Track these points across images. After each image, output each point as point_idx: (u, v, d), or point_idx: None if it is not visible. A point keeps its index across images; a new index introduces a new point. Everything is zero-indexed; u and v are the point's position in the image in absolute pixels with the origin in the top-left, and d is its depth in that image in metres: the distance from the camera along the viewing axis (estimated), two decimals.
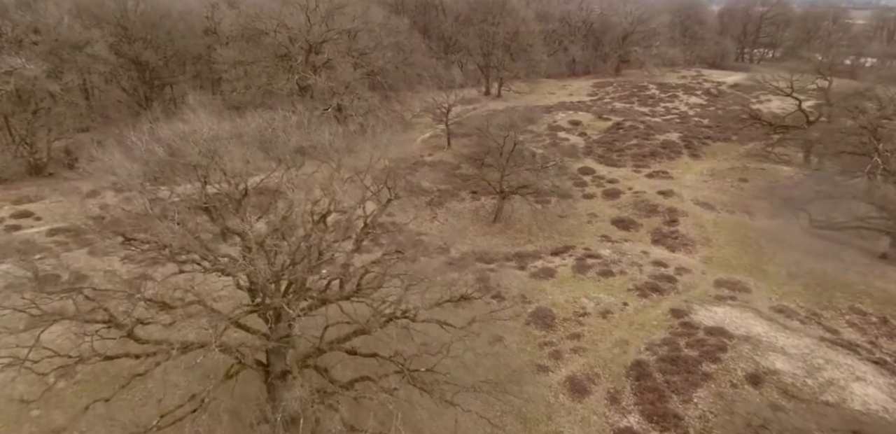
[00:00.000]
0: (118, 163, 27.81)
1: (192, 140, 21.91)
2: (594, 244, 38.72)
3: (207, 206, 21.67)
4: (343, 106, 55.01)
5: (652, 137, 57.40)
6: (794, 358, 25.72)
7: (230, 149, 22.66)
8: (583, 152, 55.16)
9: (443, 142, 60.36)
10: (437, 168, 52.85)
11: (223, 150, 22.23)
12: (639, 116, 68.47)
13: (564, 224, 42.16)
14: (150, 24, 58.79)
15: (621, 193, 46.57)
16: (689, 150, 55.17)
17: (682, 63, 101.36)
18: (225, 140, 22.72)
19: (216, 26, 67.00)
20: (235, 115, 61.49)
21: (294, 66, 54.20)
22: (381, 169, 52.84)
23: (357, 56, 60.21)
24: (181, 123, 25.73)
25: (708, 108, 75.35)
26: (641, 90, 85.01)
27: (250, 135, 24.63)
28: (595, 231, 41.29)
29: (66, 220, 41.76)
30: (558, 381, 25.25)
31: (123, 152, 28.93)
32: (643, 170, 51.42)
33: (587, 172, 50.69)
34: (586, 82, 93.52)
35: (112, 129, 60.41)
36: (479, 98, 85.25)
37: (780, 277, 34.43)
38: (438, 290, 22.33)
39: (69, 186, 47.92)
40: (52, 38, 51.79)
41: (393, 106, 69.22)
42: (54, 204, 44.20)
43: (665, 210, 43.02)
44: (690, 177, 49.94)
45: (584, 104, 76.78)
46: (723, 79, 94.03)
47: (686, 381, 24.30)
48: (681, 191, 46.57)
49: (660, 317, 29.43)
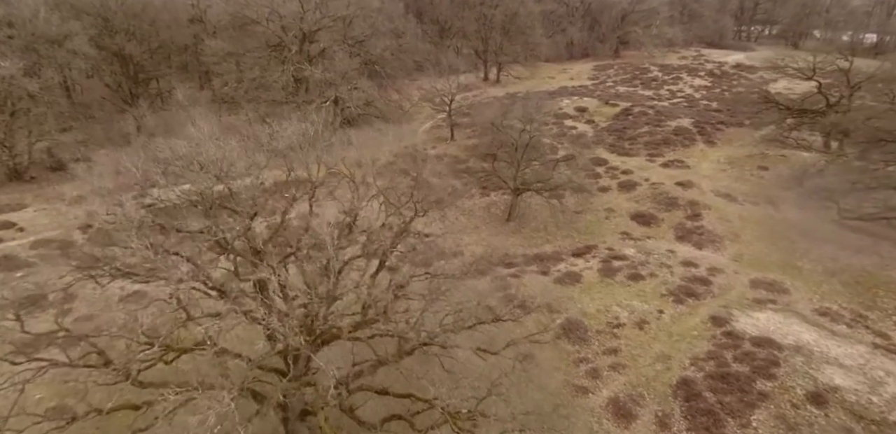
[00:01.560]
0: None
1: (198, 162, 18.59)
2: (616, 243, 36.29)
3: (222, 242, 18.66)
4: (341, 98, 51.79)
5: (663, 124, 54.65)
6: (852, 371, 23.60)
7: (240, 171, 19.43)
8: (593, 141, 52.39)
9: (445, 133, 57.37)
10: (443, 162, 49.93)
11: (234, 172, 19.02)
12: (645, 101, 65.62)
13: (581, 221, 39.66)
14: (131, 14, 54.87)
15: (637, 185, 44.01)
16: (703, 136, 52.50)
17: (680, 43, 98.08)
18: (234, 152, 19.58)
19: (202, 15, 63.12)
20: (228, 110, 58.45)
21: (288, 56, 50.70)
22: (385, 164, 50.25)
23: (353, 44, 56.77)
24: (181, 141, 22.40)
25: (713, 89, 72.60)
26: (643, 72, 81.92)
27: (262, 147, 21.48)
28: (614, 228, 38.82)
29: (51, 229, 38.81)
30: (600, 403, 23.00)
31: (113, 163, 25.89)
32: (657, 159, 48.79)
33: (600, 163, 48.01)
34: (586, 65, 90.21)
35: (96, 127, 57.01)
36: (478, 84, 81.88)
37: (816, 275, 32.23)
38: (465, 306, 19.94)
39: (53, 192, 44.77)
40: (28, 33, 48.02)
41: (390, 95, 65.97)
42: (38, 212, 41.07)
43: (686, 203, 40.55)
44: (707, 165, 47.41)
45: (587, 89, 73.70)
46: (723, 58, 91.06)
47: (741, 401, 22.12)
48: (699, 181, 44.05)
49: (699, 326, 27.17)
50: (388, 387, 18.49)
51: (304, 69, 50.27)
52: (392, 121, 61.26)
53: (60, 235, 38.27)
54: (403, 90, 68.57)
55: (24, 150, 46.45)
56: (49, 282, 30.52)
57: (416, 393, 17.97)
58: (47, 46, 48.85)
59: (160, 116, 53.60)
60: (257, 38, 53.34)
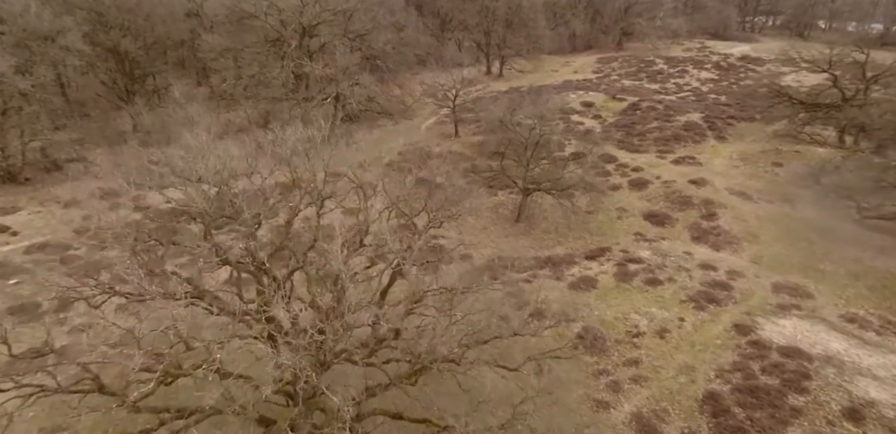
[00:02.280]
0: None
1: (196, 174, 17.01)
2: (630, 244, 34.96)
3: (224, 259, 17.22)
4: (342, 94, 50.17)
5: (672, 119, 53.12)
6: (886, 382, 22.38)
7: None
8: (601, 137, 50.83)
9: (449, 129, 55.80)
10: (448, 160, 48.41)
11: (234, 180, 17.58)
12: (652, 95, 64.05)
13: (593, 221, 38.29)
14: (126, 8, 52.92)
15: (649, 183, 42.61)
16: (714, 131, 50.98)
17: (684, 35, 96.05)
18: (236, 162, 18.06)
19: (199, 8, 61.18)
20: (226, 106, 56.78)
21: (287, 52, 48.96)
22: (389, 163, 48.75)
23: (354, 38, 55.00)
24: (179, 148, 20.80)
25: (720, 82, 70.91)
26: (648, 65, 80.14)
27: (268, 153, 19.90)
28: (627, 228, 37.48)
29: (45, 233, 37.42)
30: (623, 420, 21.77)
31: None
32: (668, 155, 47.33)
33: (609, 160, 46.53)
34: (589, 58, 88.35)
35: (92, 125, 55.39)
36: (481, 78, 80.00)
37: (840, 278, 30.94)
38: (478, 317, 18.63)
39: (48, 194, 43.34)
40: (20, 29, 46.24)
41: (392, 90, 64.30)
42: (32, 215, 39.67)
43: (700, 202, 39.19)
44: (720, 162, 45.97)
45: (592, 82, 72.05)
46: (729, 50, 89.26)
47: (772, 417, 20.89)
48: (712, 178, 42.65)
49: (723, 334, 25.92)
50: (403, 411, 17.22)
51: (304, 65, 48.59)
52: (394, 117, 59.72)
53: (55, 239, 36.94)
54: (405, 85, 66.94)
55: (17, 151, 44.91)
56: (42, 291, 29.33)
57: (432, 418, 16.69)
58: (39, 43, 47.09)
59: (157, 114, 52.00)
60: (255, 33, 51.57)
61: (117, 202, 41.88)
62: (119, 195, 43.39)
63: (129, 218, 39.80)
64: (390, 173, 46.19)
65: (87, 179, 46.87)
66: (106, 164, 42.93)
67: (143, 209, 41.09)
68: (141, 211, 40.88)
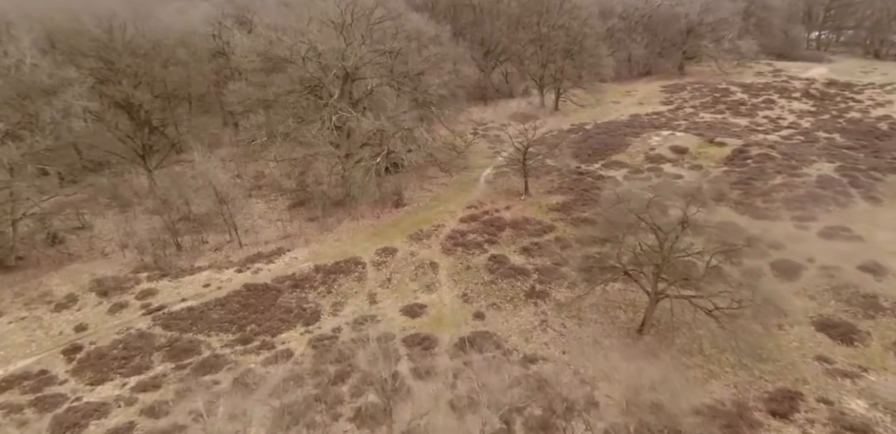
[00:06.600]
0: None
1: None
2: (824, 383, 23.82)
3: None
4: (394, 150, 40.19)
5: (798, 171, 41.71)
6: None
7: None
8: (712, 198, 39.76)
9: (515, 184, 45.39)
10: (524, 230, 37.90)
11: None
12: (747, 133, 52.84)
13: (748, 333, 27.14)
14: (140, 54, 44.00)
15: (802, 269, 31.49)
16: (859, 189, 39.39)
17: (751, 56, 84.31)
18: None
19: (225, 45, 52.28)
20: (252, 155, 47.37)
21: (329, 102, 39.12)
22: (448, 236, 38.48)
23: (403, 80, 45.14)
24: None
25: (821, 116, 59.02)
26: (724, 94, 68.69)
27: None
28: (799, 347, 26.38)
29: (26, 356, 27.97)
30: None
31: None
32: (809, 224, 36.02)
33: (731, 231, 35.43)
34: (651, 86, 77.34)
35: (102, 181, 46.45)
36: (533, 112, 69.77)
37: None
38: None
39: (38, 286, 34.08)
40: (10, 84, 37.55)
41: (438, 130, 54.09)
42: (14, 324, 30.42)
43: (892, 304, 27.91)
44: (886, 236, 34.44)
45: (666, 117, 60.97)
46: (806, 73, 77.33)
47: None
48: (890, 263, 31.27)
49: None
50: None
51: (348, 117, 38.73)
52: (449, 170, 49.60)
53: (37, 364, 27.51)
54: (455, 124, 56.59)
55: (6, 230, 35.89)
56: None
57: None
58: (39, 98, 38.33)
59: (173, 177, 42.86)
60: (289, 77, 42.04)
61: (121, 302, 32.43)
62: (124, 289, 34.11)
63: (133, 327, 30.25)
64: (454, 250, 36.01)
65: (89, 258, 37.83)
66: (114, 230, 34.13)
67: (154, 311, 31.59)
68: (151, 314, 31.34)
